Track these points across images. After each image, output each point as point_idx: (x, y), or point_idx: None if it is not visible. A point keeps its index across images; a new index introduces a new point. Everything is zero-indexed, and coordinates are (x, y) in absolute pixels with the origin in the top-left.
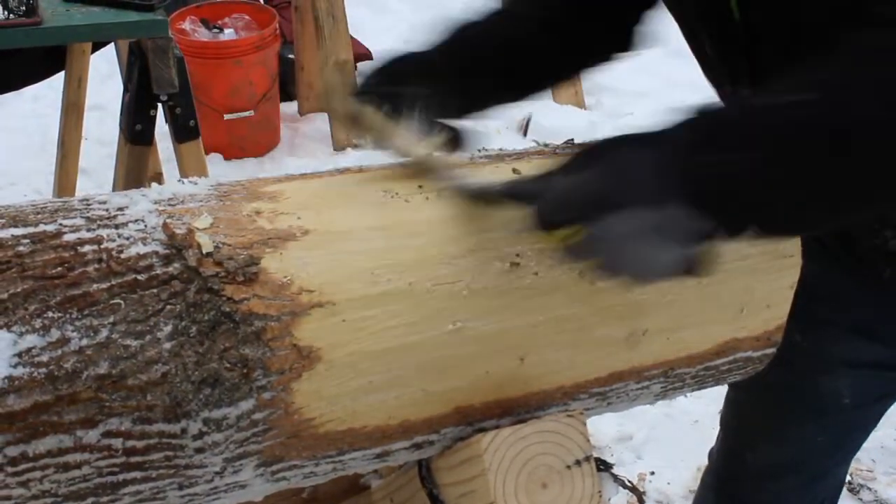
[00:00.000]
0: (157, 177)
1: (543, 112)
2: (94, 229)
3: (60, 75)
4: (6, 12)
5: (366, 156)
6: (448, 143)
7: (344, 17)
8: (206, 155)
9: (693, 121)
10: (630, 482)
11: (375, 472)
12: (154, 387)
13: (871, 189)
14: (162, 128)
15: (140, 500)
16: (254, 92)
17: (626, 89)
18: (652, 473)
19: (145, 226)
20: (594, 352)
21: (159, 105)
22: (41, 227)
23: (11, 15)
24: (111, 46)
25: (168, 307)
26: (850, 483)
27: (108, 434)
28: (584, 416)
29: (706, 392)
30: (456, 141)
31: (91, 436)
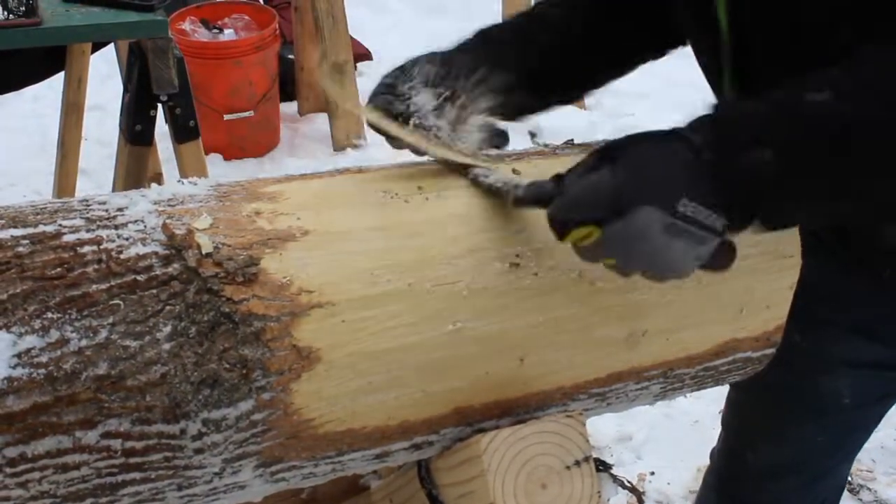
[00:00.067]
0: (156, 177)
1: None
2: (93, 230)
3: (60, 75)
4: (6, 12)
5: (366, 156)
6: (482, 142)
7: (344, 17)
8: (206, 155)
9: (708, 119)
10: (630, 482)
11: (375, 472)
12: (153, 387)
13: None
14: (162, 128)
15: (139, 501)
16: (254, 92)
17: (626, 89)
18: (652, 474)
19: (145, 226)
20: (594, 352)
21: (159, 105)
22: (41, 228)
23: (11, 15)
24: (111, 46)
25: (167, 308)
26: (850, 483)
27: (107, 435)
28: (583, 416)
29: (706, 392)
30: (490, 140)
31: (90, 437)
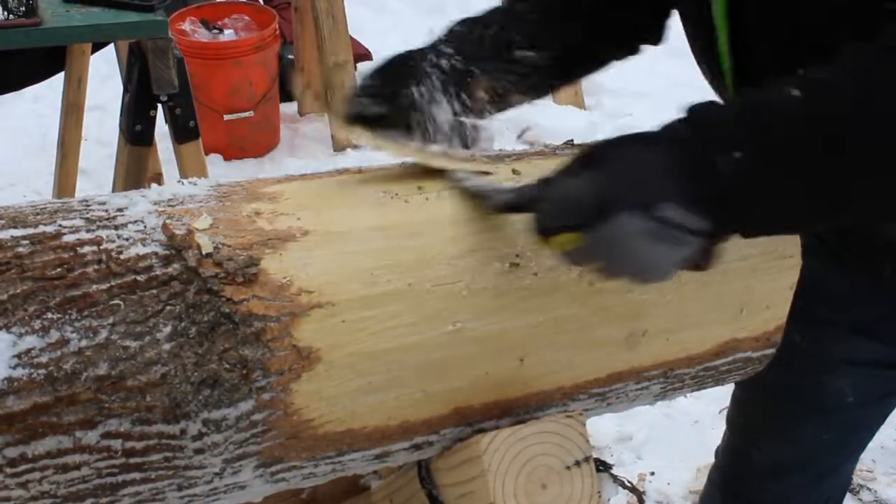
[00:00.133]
0: (156, 177)
1: (543, 112)
2: (93, 230)
3: (60, 76)
4: (6, 13)
5: (365, 156)
6: (461, 140)
7: (344, 17)
8: (206, 155)
9: (690, 120)
10: (630, 482)
11: (375, 472)
12: (153, 388)
13: (871, 189)
14: (162, 128)
15: (139, 501)
16: (253, 92)
17: (626, 89)
18: (652, 474)
19: (145, 227)
20: (594, 352)
21: (159, 106)
22: (41, 228)
23: (11, 15)
24: (111, 47)
25: (167, 308)
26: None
27: (107, 435)
28: (583, 416)
29: (706, 392)
30: (469, 138)
31: (90, 437)
